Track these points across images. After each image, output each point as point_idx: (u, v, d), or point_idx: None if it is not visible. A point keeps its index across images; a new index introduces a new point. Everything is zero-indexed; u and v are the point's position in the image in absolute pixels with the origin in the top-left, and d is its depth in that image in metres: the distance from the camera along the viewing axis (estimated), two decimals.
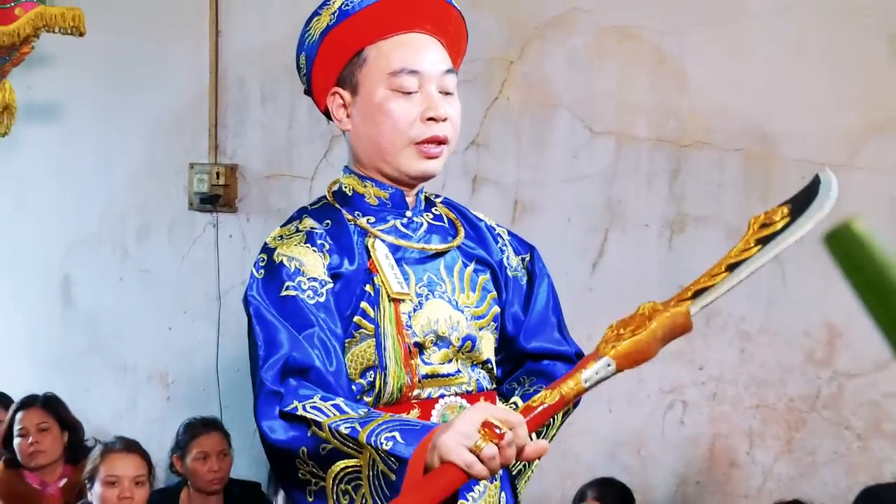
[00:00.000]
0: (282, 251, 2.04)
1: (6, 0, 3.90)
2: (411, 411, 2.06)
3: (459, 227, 2.22)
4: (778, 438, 3.58)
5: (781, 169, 3.58)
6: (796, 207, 2.07)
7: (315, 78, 2.17)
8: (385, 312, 2.05)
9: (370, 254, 2.07)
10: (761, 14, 3.60)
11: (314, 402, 1.88)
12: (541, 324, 2.30)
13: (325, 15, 2.12)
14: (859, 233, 0.50)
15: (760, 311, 3.61)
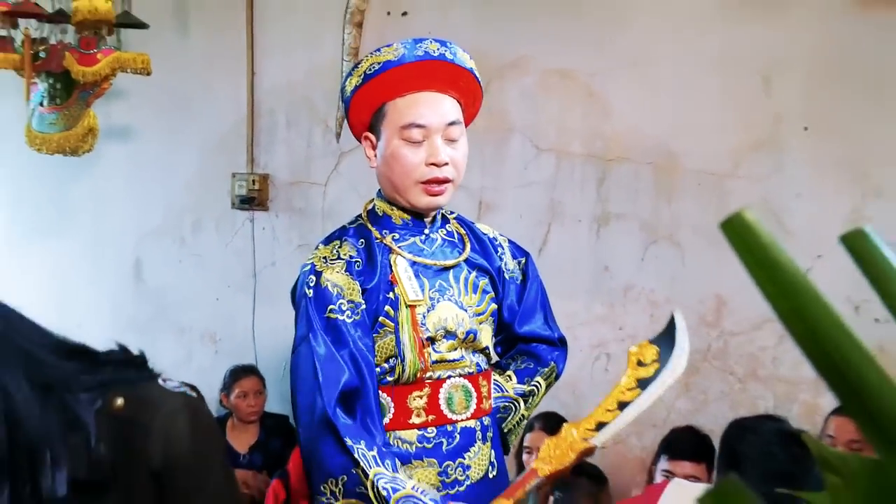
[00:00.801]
0: (327, 276, 2.02)
1: (91, 47, 3.86)
2: (423, 389, 2.08)
3: (467, 242, 2.21)
4: (678, 382, 3.56)
5: (682, 177, 3.58)
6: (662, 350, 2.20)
7: (352, 122, 2.16)
8: (403, 314, 2.04)
9: (392, 268, 2.06)
10: (667, 60, 3.58)
11: (362, 448, 1.89)
12: (531, 314, 2.31)
13: (355, 76, 2.09)
14: (749, 220, 0.48)
15: (665, 285, 3.60)
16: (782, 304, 0.50)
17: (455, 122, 2.09)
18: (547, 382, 2.36)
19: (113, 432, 1.39)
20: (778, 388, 3.41)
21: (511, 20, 3.87)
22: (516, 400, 2.28)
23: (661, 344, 2.23)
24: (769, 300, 0.50)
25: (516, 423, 2.31)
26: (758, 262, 0.50)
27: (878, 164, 3.34)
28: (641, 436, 3.65)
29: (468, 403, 2.13)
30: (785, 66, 3.44)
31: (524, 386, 2.29)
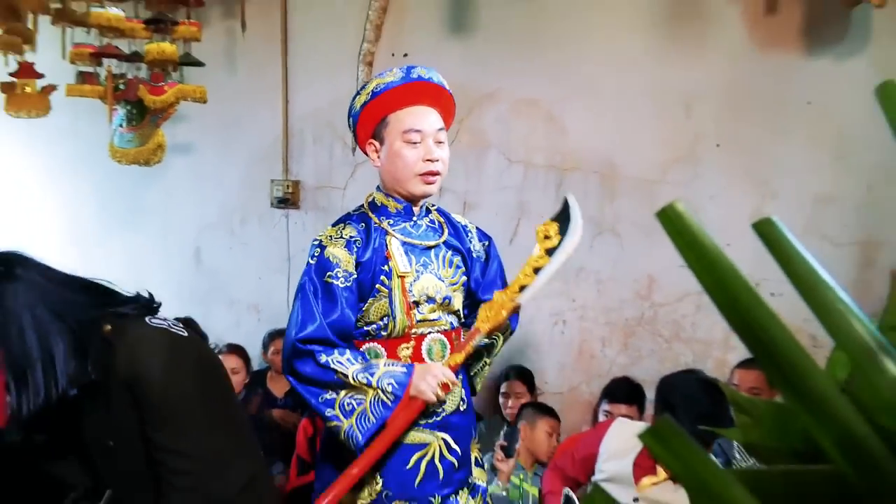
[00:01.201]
0: (330, 250, 2.07)
1: (159, 80, 3.83)
2: (409, 342, 2.13)
3: (445, 228, 2.25)
4: (619, 342, 3.56)
5: (621, 183, 3.56)
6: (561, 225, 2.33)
7: (358, 133, 2.20)
8: (395, 283, 2.09)
9: (388, 247, 2.10)
10: (610, 91, 3.57)
11: (336, 357, 2.01)
12: (492, 285, 2.35)
13: (363, 94, 2.14)
14: (679, 209, 0.46)
15: (608, 267, 3.59)
16: (706, 277, 0.48)
17: (441, 129, 2.18)
18: (504, 337, 2.38)
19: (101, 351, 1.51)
20: (696, 347, 3.41)
21: (489, 61, 3.85)
22: (481, 351, 2.30)
23: (561, 220, 2.35)
24: (696, 274, 0.48)
25: (480, 368, 2.34)
26: (687, 243, 0.48)
27: (774, 174, 3.34)
28: (590, 384, 3.65)
29: (444, 353, 2.17)
30: (702, 96, 3.43)
31: (487, 340, 2.29)
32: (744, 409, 0.66)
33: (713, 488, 0.41)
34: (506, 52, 3.81)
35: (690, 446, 0.42)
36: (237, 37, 4.50)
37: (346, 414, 2.00)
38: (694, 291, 3.38)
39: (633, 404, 3.24)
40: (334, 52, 4.30)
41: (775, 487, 0.52)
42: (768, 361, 0.47)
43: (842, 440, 0.45)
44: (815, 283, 0.51)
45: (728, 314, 0.47)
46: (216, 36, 4.60)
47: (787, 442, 0.64)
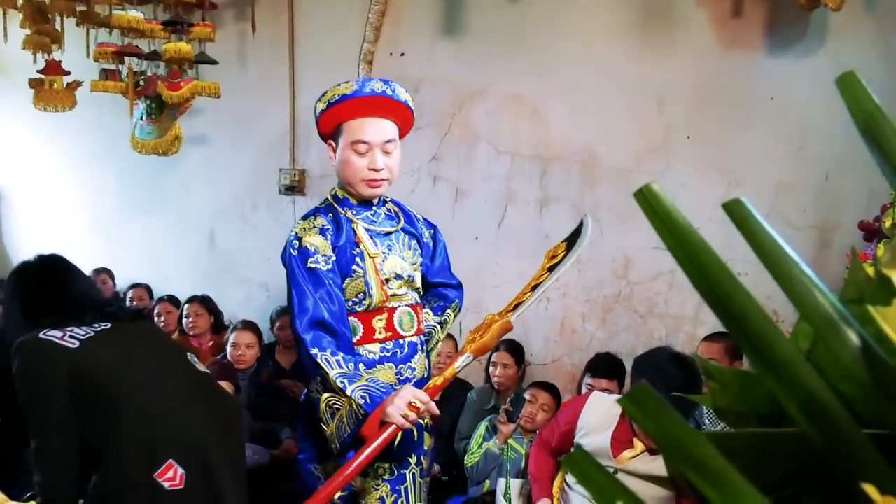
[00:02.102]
0: (307, 239, 2.05)
1: (176, 77, 3.79)
2: (383, 314, 2.13)
3: (401, 217, 2.25)
4: (598, 318, 3.56)
5: (600, 172, 3.55)
6: (570, 243, 2.26)
7: (320, 132, 2.17)
8: (368, 263, 2.10)
9: (356, 233, 2.10)
10: (590, 87, 3.55)
11: (326, 356, 1.94)
12: (440, 268, 2.35)
13: (321, 102, 2.12)
14: (655, 189, 0.45)
15: (589, 249, 3.54)
16: (679, 252, 0.47)
17: (391, 140, 2.14)
18: (454, 314, 2.40)
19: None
20: (668, 322, 3.41)
21: (479, 60, 3.82)
22: (436, 327, 2.31)
23: (571, 240, 2.29)
24: (669, 249, 0.47)
25: (435, 343, 2.35)
26: (661, 220, 0.47)
27: (739, 163, 3.32)
28: (571, 356, 3.65)
29: (413, 324, 2.18)
30: (673, 92, 3.41)
31: (439, 317, 2.32)
32: (713, 377, 0.65)
33: (686, 448, 0.40)
34: (495, 52, 3.78)
35: (665, 409, 0.41)
36: (248, 38, 4.46)
37: (328, 419, 1.99)
38: (667, 271, 3.37)
39: (614, 379, 3.22)
40: (337, 51, 4.26)
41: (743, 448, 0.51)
42: (738, 331, 0.46)
43: (806, 404, 0.44)
44: (781, 258, 0.50)
45: (700, 286, 0.46)
46: (229, 37, 4.55)
47: (752, 406, 0.63)
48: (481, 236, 3.87)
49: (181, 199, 4.96)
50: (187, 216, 4.95)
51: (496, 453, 3.18)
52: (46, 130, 5.89)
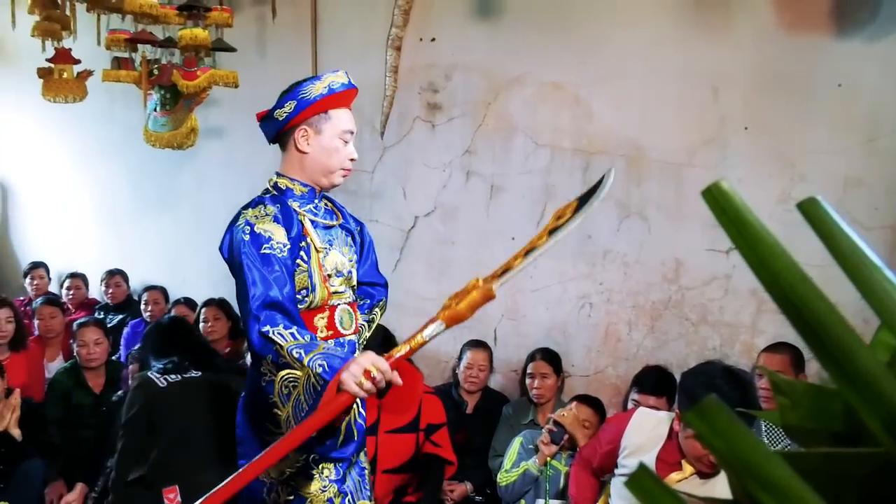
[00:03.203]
0: (260, 226, 2.09)
1: (192, 65, 3.85)
2: (324, 312, 2.20)
3: (337, 212, 2.35)
4: (645, 325, 3.53)
5: (648, 166, 3.52)
6: (583, 200, 2.07)
7: (298, 113, 2.18)
8: (313, 257, 2.17)
9: (304, 226, 2.17)
10: (636, 74, 3.52)
11: (279, 330, 1.97)
12: (369, 268, 2.45)
13: (319, 86, 2.18)
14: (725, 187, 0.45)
15: (635, 250, 3.55)
16: (751, 254, 0.46)
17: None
18: (381, 312, 2.49)
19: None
20: (723, 331, 3.37)
21: (515, 45, 3.82)
22: (364, 325, 2.38)
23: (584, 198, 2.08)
24: (740, 251, 0.47)
25: (363, 341, 2.39)
26: (731, 220, 0.47)
27: (801, 155, 3.28)
28: (616, 367, 3.62)
29: (352, 322, 2.27)
30: (729, 79, 3.37)
31: (366, 315, 2.40)
32: (782, 391, 0.64)
33: (761, 469, 0.40)
34: (532, 36, 3.77)
35: (736, 425, 0.40)
36: (268, 23, 4.49)
37: (284, 400, 1.99)
38: (722, 275, 3.34)
39: (663, 395, 3.19)
40: (363, 37, 4.28)
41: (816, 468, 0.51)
42: (814, 340, 0.45)
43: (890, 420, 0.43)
44: (861, 262, 0.49)
45: (774, 292, 0.45)
46: (247, 22, 4.59)
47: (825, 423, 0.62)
48: (518, 236, 3.86)
49: (197, 196, 5.02)
50: (203, 213, 5.00)
51: (535, 475, 3.17)
52: (55, 122, 6.00)
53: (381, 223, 4.29)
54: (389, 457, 3.25)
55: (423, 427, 3.29)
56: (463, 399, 3.80)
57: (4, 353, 4.05)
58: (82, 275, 5.40)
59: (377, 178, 4.31)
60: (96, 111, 5.35)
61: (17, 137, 6.56)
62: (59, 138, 6.12)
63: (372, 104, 4.27)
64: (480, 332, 3.96)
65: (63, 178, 6.15)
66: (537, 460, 3.16)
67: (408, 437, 3.28)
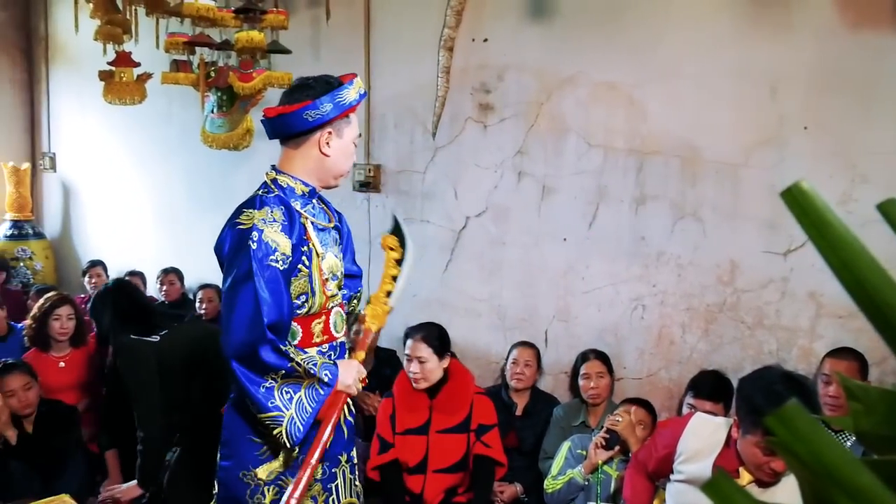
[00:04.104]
0: (268, 234, 2.11)
1: (248, 67, 3.90)
2: (321, 317, 2.27)
3: (329, 212, 2.38)
4: (699, 328, 3.48)
5: (703, 167, 3.46)
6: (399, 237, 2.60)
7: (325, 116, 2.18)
8: (314, 262, 2.20)
9: (306, 230, 2.20)
10: (692, 73, 3.47)
11: (289, 349, 2.12)
12: (349, 259, 2.54)
13: (352, 90, 2.21)
14: (805, 188, 0.44)
15: (689, 251, 3.50)
16: (832, 256, 0.45)
17: None
18: (358, 304, 2.61)
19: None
20: (780, 335, 3.30)
21: (568, 44, 3.79)
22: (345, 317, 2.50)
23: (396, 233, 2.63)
24: (821, 253, 0.46)
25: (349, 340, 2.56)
26: (812, 222, 0.46)
27: (863, 156, 3.19)
28: (669, 370, 3.57)
29: (343, 324, 2.38)
30: (788, 77, 3.29)
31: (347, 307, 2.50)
32: (856, 396, 0.62)
33: (845, 474, 0.39)
34: (585, 36, 3.74)
35: (820, 430, 0.39)
36: (322, 24, 4.54)
37: (286, 403, 2.11)
38: (779, 278, 3.27)
39: (720, 401, 3.12)
40: (416, 38, 4.30)
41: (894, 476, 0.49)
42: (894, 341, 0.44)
43: None
44: None
45: (855, 294, 0.44)
46: (302, 24, 4.65)
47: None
48: (570, 237, 3.84)
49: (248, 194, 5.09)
50: None
51: (580, 483, 3.14)
52: (115, 124, 6.16)
53: (433, 223, 4.31)
54: (440, 457, 3.26)
55: (473, 427, 3.29)
56: (512, 401, 3.78)
57: (65, 350, 4.16)
58: (140, 273, 5.53)
59: (429, 178, 4.33)
60: (155, 113, 5.47)
61: (79, 139, 6.75)
62: (119, 139, 6.27)
63: (424, 105, 4.29)
64: (531, 334, 3.94)
65: (122, 178, 6.31)
66: (583, 468, 3.14)
67: (459, 437, 3.28)
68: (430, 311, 4.06)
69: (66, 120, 6.86)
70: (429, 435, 3.28)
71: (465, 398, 3.34)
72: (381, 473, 3.31)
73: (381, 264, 4.60)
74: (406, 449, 3.29)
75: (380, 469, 3.31)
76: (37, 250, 6.68)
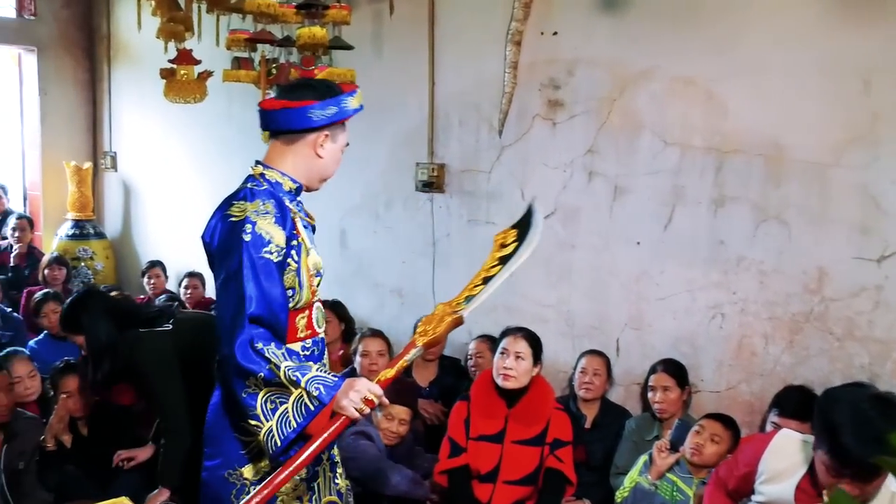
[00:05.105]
0: (261, 226, 2.14)
1: (310, 64, 3.96)
2: (305, 312, 2.29)
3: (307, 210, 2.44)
4: (784, 339, 3.38)
5: (789, 166, 3.36)
6: (520, 232, 2.45)
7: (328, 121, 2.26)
8: (303, 257, 2.24)
9: (296, 224, 2.24)
10: (776, 66, 3.37)
11: (272, 349, 2.06)
12: None
13: (354, 101, 2.33)
14: None
15: (773, 257, 3.40)
16: None
17: None
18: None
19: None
20: (872, 347, 3.17)
21: (641, 37, 3.73)
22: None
23: (521, 227, 2.48)
24: None
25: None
26: None
27: None
28: (750, 383, 3.47)
29: (323, 320, 2.41)
30: (883, 70, 3.17)
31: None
32: None
33: None
34: (661, 27, 3.67)
35: None
36: (385, 19, 4.58)
37: (268, 414, 2.06)
38: (872, 286, 3.15)
39: (806, 420, 2.96)
40: (482, 32, 4.29)
41: None
42: None
43: None
44: None
45: None
46: (364, 19, 4.69)
47: None
48: (644, 240, 3.77)
49: (310, 197, 5.14)
50: (317, 214, 5.11)
51: (647, 489, 3.12)
52: (175, 123, 6.31)
53: (498, 225, 4.26)
54: (512, 467, 3.25)
55: (549, 441, 3.27)
56: (581, 412, 3.74)
57: None
58: (199, 274, 5.64)
59: (494, 178, 4.31)
60: (215, 112, 5.59)
61: (139, 138, 6.94)
62: (179, 139, 6.42)
63: (490, 102, 4.27)
64: (601, 342, 3.89)
65: (181, 178, 6.46)
66: (650, 474, 3.12)
67: (533, 449, 3.26)
68: (494, 317, 4.05)
69: (126, 119, 7.06)
70: (503, 444, 3.27)
71: (543, 411, 3.32)
72: (449, 478, 3.30)
73: (445, 269, 4.62)
74: (478, 456, 3.28)
75: (449, 473, 3.31)
76: (98, 250, 6.88)
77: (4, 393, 3.38)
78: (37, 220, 6.99)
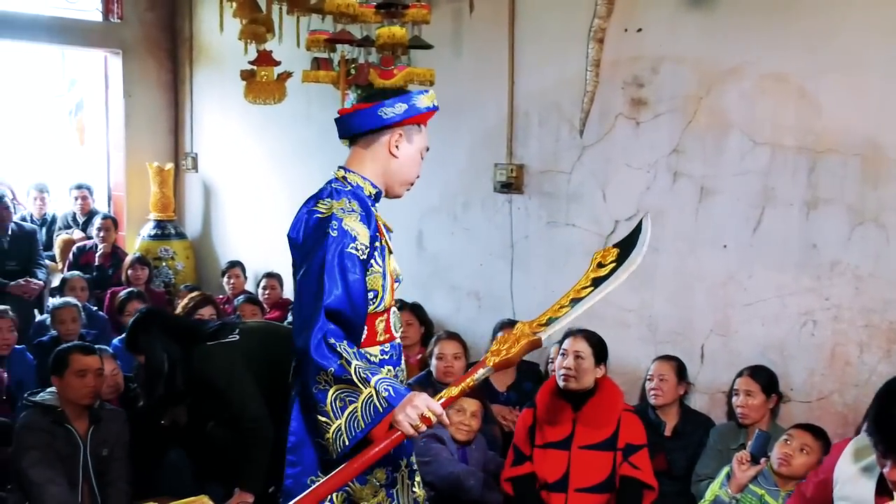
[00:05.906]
0: (347, 222, 2.19)
1: (389, 64, 4.05)
2: (384, 315, 2.32)
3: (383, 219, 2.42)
4: (881, 348, 3.30)
5: (888, 167, 3.28)
6: (623, 250, 2.40)
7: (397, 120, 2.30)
8: (387, 260, 2.31)
9: (379, 227, 2.30)
10: (875, 63, 3.29)
11: (345, 346, 2.09)
12: None
13: (426, 99, 2.35)
14: None
15: (870, 262, 3.32)
16: None
17: None
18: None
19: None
20: None
21: (730, 33, 3.69)
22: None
23: (625, 245, 2.42)
24: None
25: None
26: None
27: None
28: (843, 394, 3.40)
29: (400, 325, 2.45)
30: None
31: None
32: None
33: None
34: (751, 23, 3.63)
35: None
36: (464, 18, 4.64)
37: (337, 412, 2.07)
38: None
39: None
40: (563, 29, 4.31)
41: None
42: None
43: None
44: None
45: None
46: (443, 18, 4.76)
47: None
48: (731, 243, 3.73)
49: None
50: (394, 215, 5.14)
51: (725, 502, 3.08)
52: (255, 124, 6.50)
53: (579, 227, 4.29)
54: (582, 474, 3.25)
55: (621, 446, 3.26)
56: (660, 419, 3.72)
57: None
58: (277, 274, 5.80)
59: (575, 179, 4.32)
60: (294, 113, 5.74)
61: (219, 139, 7.17)
62: (258, 140, 6.61)
63: (571, 101, 4.29)
64: (685, 349, 3.86)
65: (261, 178, 6.64)
66: (730, 487, 3.09)
67: (604, 455, 3.25)
68: (574, 321, 4.05)
69: (207, 120, 7.30)
70: (571, 450, 3.27)
71: (612, 413, 3.31)
72: (514, 486, 3.34)
73: (523, 271, 4.66)
74: (546, 464, 3.30)
75: (513, 481, 3.34)
76: (178, 250, 7.13)
77: (94, 375, 3.55)
78: (120, 221, 7.27)
